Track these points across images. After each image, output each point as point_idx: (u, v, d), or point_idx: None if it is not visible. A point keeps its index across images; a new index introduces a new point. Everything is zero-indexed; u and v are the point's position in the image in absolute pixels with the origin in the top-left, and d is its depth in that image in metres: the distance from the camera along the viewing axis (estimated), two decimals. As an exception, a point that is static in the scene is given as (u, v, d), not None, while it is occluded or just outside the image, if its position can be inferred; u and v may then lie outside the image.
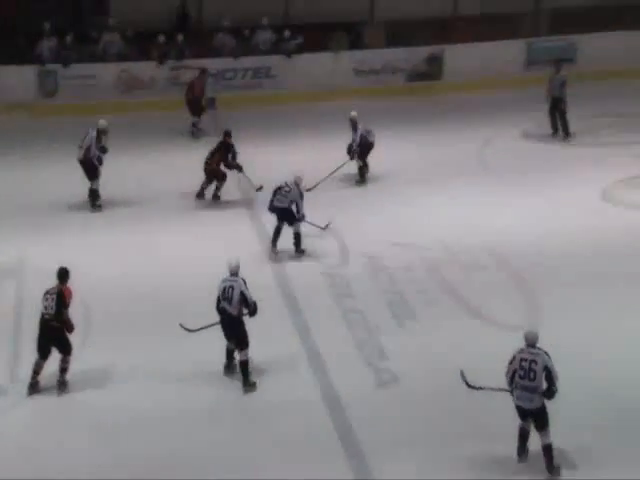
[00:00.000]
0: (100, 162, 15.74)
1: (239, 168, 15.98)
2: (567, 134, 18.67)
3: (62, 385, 11.35)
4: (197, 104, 18.97)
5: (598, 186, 16.36)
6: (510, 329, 11.92)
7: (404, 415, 10.99)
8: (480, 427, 10.61)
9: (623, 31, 21.62)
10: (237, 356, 11.50)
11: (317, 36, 20.84)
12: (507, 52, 21.54)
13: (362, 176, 16.90)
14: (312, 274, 13.86)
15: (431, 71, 21.24)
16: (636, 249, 14.38)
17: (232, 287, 11.39)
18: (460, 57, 21.19)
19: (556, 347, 10.07)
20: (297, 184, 14.36)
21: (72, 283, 11.37)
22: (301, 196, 14.30)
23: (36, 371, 11.28)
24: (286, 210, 14.32)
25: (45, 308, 11.19)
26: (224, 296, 11.40)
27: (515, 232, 14.97)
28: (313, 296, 13.40)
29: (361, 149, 16.70)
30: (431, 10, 21.69)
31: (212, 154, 16.01)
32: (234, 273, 11.52)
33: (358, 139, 16.60)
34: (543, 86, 18.73)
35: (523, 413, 10.04)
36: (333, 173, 16.50)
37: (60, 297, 11.14)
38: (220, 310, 11.45)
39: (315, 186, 15.90)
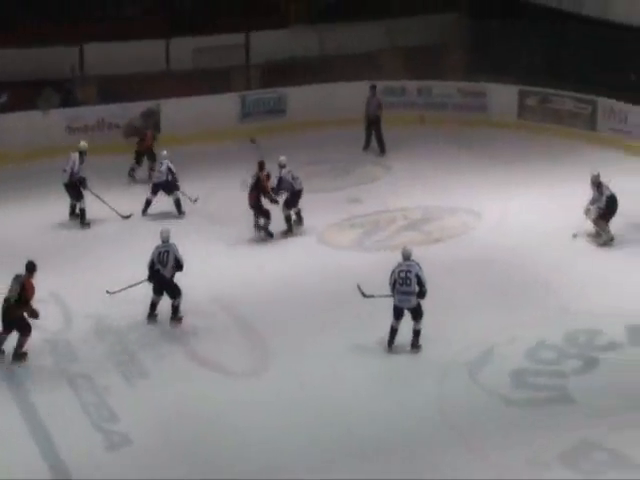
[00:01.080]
0: (84, 186, 17.07)
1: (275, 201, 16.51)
2: (382, 151, 20.81)
3: (17, 356, 12.94)
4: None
5: (314, 230, 16.97)
6: (239, 375, 12.42)
7: (141, 475, 10.73)
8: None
9: (328, 83, 22.56)
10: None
11: (25, 93, 20.25)
12: (222, 105, 21.87)
13: (290, 228, 16.75)
14: (33, 340, 13.23)
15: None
16: (349, 285, 14.93)
17: (167, 252, 13.73)
18: (176, 111, 21.27)
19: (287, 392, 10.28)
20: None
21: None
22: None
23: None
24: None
25: (9, 292, 12.72)
26: (159, 259, 13.69)
27: (239, 279, 15.16)
28: (34, 360, 12.94)
29: (291, 197, 16.59)
30: (143, 65, 21.61)
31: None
32: (166, 240, 13.80)
33: (283, 184, 16.56)
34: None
35: (400, 312, 13.06)
36: None
37: (22, 289, 12.68)
38: (154, 272, 13.68)
39: None
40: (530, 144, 21.45)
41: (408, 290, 12.94)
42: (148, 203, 17.69)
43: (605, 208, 16.42)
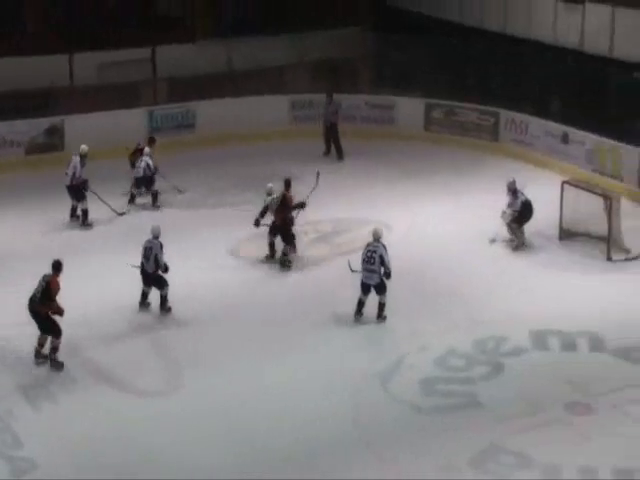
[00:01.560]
0: (86, 188, 17.49)
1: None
2: (340, 157, 21.55)
3: (54, 363, 13.11)
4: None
5: (224, 244, 16.95)
6: (150, 394, 12.34)
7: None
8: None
9: (237, 98, 22.57)
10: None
11: None
12: (129, 120, 21.64)
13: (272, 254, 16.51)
14: None
15: (52, 143, 20.78)
16: (256, 296, 15.21)
17: (151, 248, 14.35)
18: (81, 127, 20.91)
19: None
20: None
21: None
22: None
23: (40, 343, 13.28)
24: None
25: (35, 292, 13.05)
26: (144, 253, 14.37)
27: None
28: None
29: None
30: (46, 81, 21.24)
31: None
32: (155, 236, 14.38)
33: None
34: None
35: (367, 288, 14.23)
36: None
37: (47, 286, 12.97)
38: (141, 263, 14.40)
39: None
40: (436, 155, 21.85)
41: (372, 268, 14.14)
42: (132, 196, 18.86)
43: (519, 212, 16.82)
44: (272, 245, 16.43)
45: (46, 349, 13.17)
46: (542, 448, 11.39)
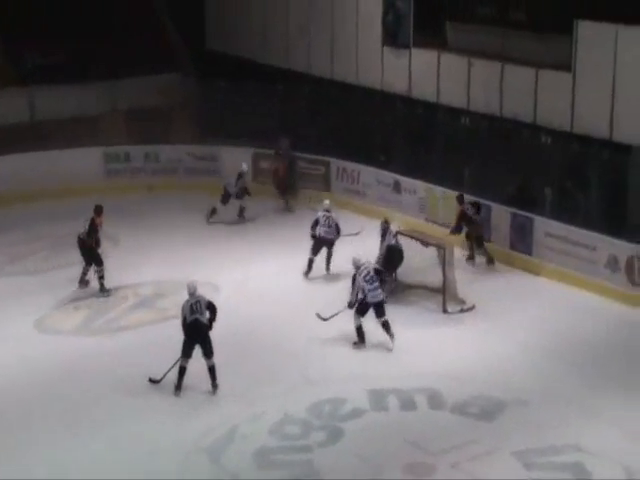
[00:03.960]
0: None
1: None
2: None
3: (102, 288, 17.36)
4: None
5: (32, 317, 16.46)
6: None
7: None
8: None
9: (41, 151, 21.94)
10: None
11: None
12: None
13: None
14: None
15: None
16: (68, 372, 14.76)
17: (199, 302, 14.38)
18: None
19: None
20: None
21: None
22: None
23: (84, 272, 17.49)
24: None
25: (81, 231, 17.32)
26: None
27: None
28: None
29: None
30: None
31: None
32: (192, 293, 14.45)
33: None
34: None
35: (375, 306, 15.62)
36: None
37: (91, 223, 17.31)
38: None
39: None
40: (267, 206, 22.01)
41: (376, 286, 15.54)
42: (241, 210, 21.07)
43: (384, 257, 17.04)
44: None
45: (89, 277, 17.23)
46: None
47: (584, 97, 18.07)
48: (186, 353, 14.02)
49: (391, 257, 17.08)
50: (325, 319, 15.80)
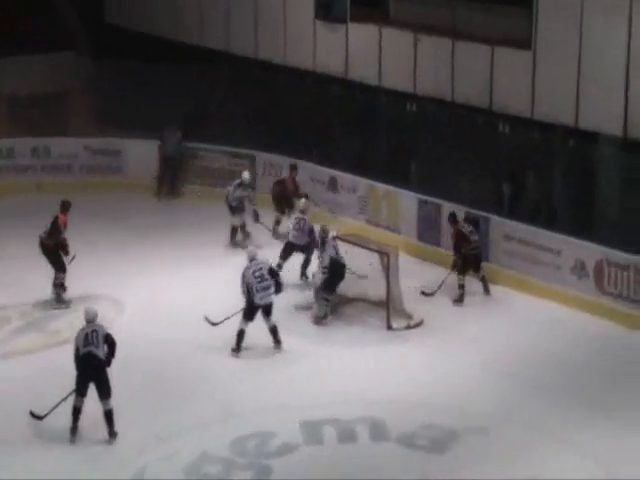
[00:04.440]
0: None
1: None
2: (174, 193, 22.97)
3: (58, 298, 17.88)
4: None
5: None
6: None
7: None
8: None
9: None
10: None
11: None
12: None
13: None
14: None
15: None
16: None
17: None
18: None
19: None
20: None
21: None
22: None
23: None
24: None
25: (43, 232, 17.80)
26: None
27: None
28: None
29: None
30: None
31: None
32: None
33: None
34: None
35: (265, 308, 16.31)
36: None
37: (54, 221, 17.72)
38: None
39: None
40: (176, 209, 22.28)
41: (267, 285, 16.07)
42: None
43: (329, 271, 17.25)
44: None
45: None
46: None
47: (546, 78, 18.52)
48: (79, 391, 13.95)
49: (335, 272, 17.37)
50: (215, 324, 16.22)
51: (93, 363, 13.85)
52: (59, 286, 17.81)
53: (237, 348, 16.17)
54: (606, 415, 14.46)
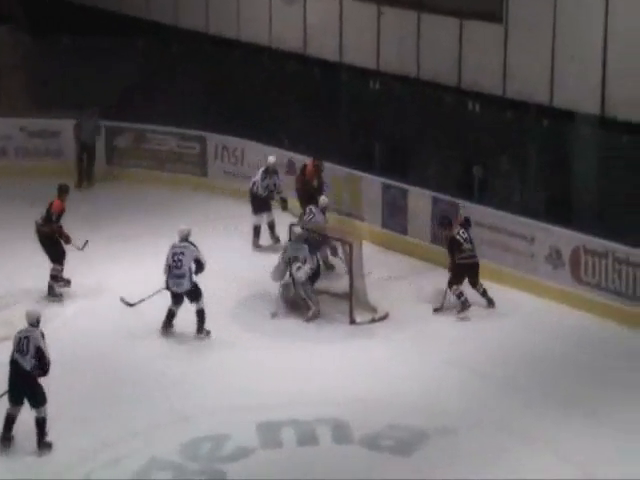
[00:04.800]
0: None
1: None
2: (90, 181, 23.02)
3: (51, 291, 17.96)
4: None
5: None
6: None
7: None
8: None
9: None
10: None
11: None
12: None
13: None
14: None
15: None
16: None
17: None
18: None
19: None
20: None
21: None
22: None
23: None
24: None
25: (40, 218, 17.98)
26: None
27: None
28: None
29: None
30: None
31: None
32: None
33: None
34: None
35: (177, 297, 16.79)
36: None
37: (49, 207, 17.87)
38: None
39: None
40: (125, 197, 22.30)
41: (181, 273, 16.44)
42: None
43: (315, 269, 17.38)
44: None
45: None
46: None
47: (518, 54, 18.69)
48: (10, 398, 13.84)
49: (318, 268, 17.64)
50: (131, 305, 16.54)
51: (18, 371, 13.77)
52: (54, 278, 17.87)
53: (163, 327, 16.70)
54: (584, 412, 14.65)
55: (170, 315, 16.77)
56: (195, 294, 16.64)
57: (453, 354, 16.25)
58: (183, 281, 16.56)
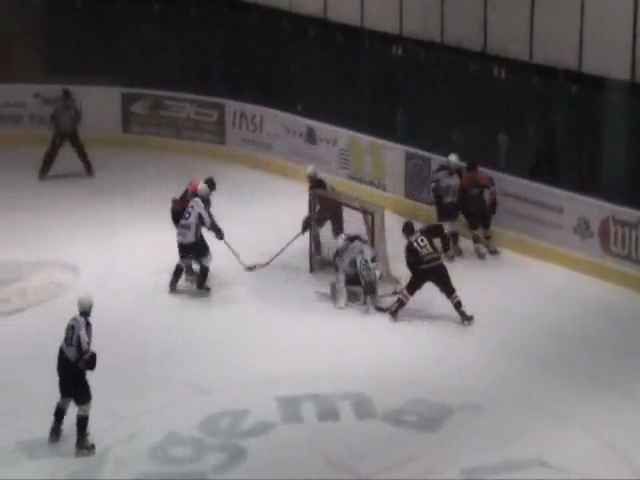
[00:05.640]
0: None
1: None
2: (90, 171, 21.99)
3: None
4: None
5: None
6: None
7: None
8: None
9: None
10: None
11: None
12: None
13: None
14: None
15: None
16: None
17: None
18: None
19: None
20: None
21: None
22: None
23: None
24: None
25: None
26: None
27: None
28: None
29: None
30: None
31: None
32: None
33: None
34: None
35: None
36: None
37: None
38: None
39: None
40: (141, 165, 22.29)
41: (186, 224, 17.20)
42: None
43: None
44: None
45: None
46: None
47: (546, 18, 18.53)
48: (60, 389, 13.76)
49: None
50: (251, 268, 17.84)
51: (64, 362, 13.71)
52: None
53: (171, 284, 17.33)
54: (612, 388, 14.57)
55: (177, 271, 17.31)
56: (199, 249, 17.26)
57: (479, 329, 16.20)
58: (187, 232, 17.16)
